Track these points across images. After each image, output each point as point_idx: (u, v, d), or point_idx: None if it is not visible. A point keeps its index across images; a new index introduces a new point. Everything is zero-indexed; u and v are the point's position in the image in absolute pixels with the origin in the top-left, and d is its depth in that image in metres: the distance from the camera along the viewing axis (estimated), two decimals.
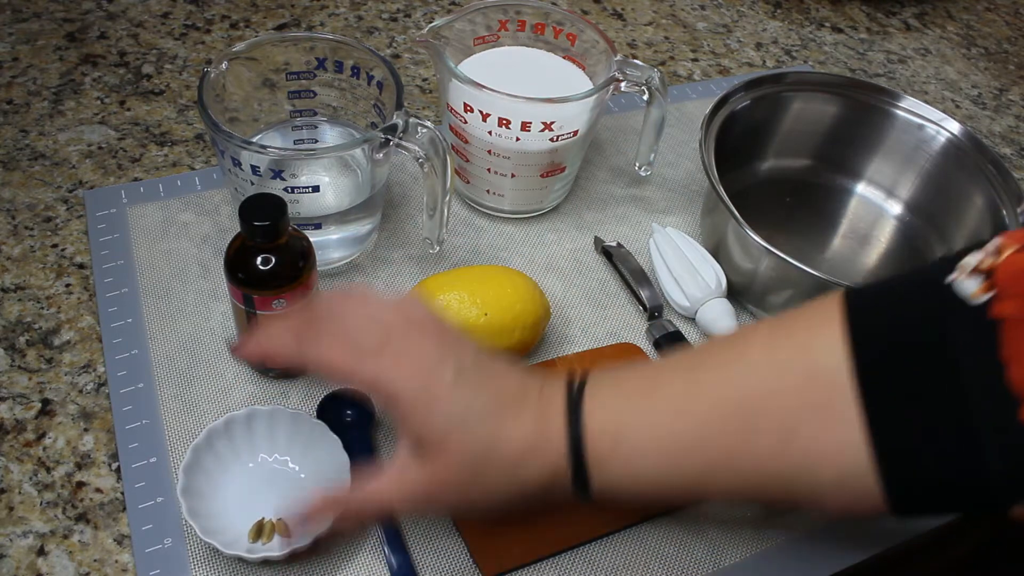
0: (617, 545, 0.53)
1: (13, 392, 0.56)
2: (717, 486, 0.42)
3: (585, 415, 0.42)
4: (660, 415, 0.41)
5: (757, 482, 0.40)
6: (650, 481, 0.42)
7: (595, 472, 0.42)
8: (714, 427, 0.40)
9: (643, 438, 0.41)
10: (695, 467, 0.41)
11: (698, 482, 0.41)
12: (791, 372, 0.38)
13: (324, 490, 0.45)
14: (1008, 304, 0.33)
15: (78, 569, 0.49)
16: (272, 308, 0.52)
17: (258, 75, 0.62)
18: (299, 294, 0.52)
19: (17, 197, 0.67)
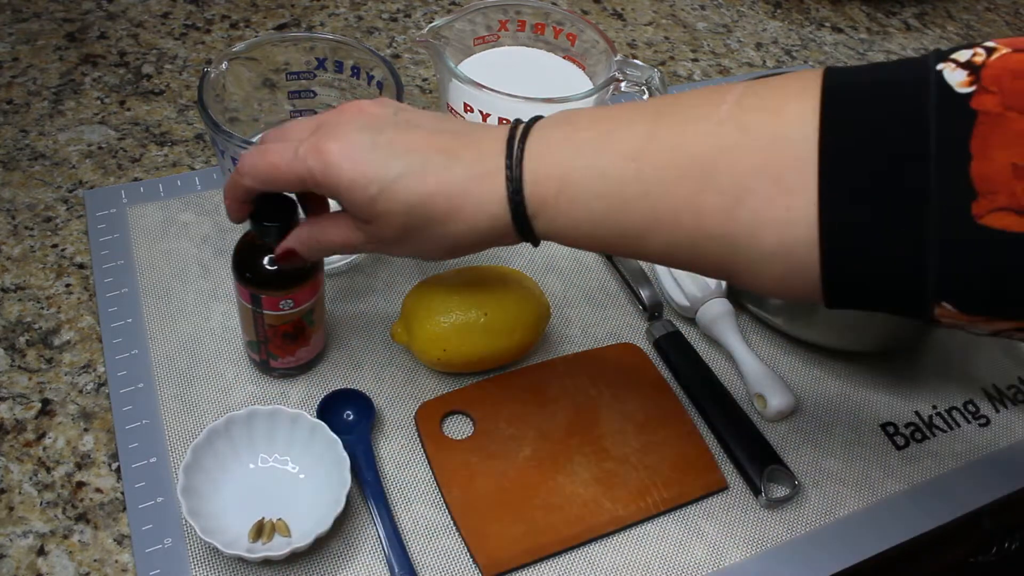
0: (617, 545, 0.53)
1: (13, 392, 0.56)
2: (658, 242, 0.40)
3: (528, 159, 0.41)
4: (612, 160, 0.40)
5: (698, 242, 0.39)
6: (593, 230, 0.41)
7: (537, 219, 0.42)
8: (667, 177, 0.39)
9: (591, 185, 0.40)
10: (641, 218, 0.40)
11: (640, 235, 0.40)
12: (756, 135, 0.37)
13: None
14: (988, 99, 0.33)
15: (78, 569, 0.49)
16: (279, 308, 0.52)
17: (258, 75, 0.62)
18: (307, 294, 0.52)
19: (17, 197, 0.67)
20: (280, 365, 0.57)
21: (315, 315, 0.54)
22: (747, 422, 0.58)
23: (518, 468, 0.54)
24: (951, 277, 0.34)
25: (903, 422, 0.61)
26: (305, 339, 0.55)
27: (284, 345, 0.55)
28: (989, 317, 0.34)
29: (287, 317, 0.52)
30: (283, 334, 0.54)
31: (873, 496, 0.57)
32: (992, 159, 0.32)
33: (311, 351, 0.57)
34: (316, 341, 0.57)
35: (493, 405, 0.57)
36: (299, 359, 0.56)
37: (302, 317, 0.53)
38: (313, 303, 0.53)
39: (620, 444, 0.56)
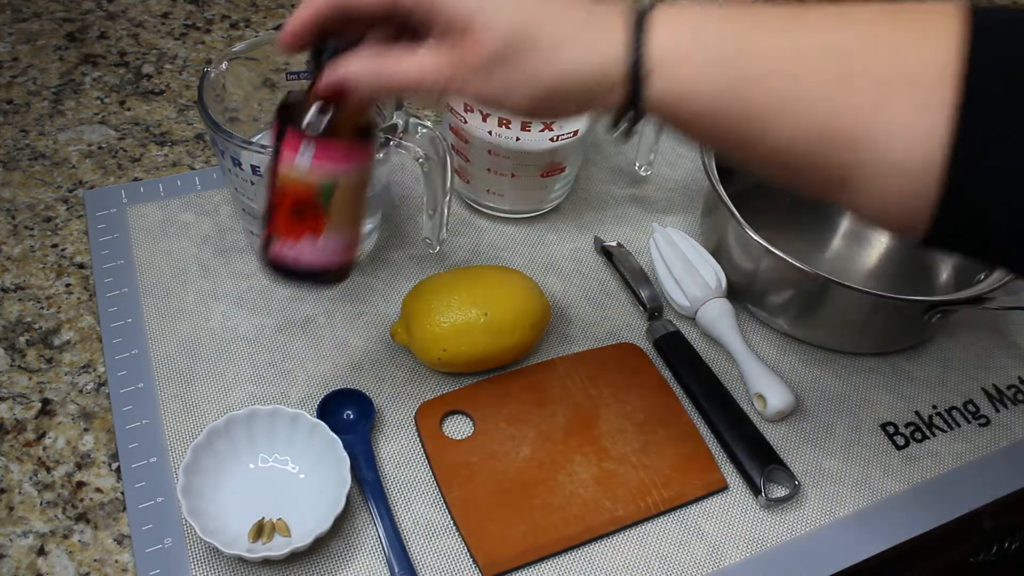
0: (617, 545, 0.53)
1: (13, 392, 0.56)
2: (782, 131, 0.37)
3: (659, 9, 0.38)
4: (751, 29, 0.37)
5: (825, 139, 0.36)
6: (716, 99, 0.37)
7: (659, 72, 0.37)
8: (805, 61, 0.36)
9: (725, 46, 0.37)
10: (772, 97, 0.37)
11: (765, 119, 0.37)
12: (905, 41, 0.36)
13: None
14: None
15: (78, 569, 0.49)
16: (294, 162, 0.43)
17: (258, 75, 0.62)
18: (335, 154, 0.44)
19: (17, 197, 0.67)
20: (279, 253, 0.46)
21: (336, 200, 0.45)
22: (747, 422, 0.58)
23: (518, 468, 0.54)
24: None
25: (903, 422, 0.61)
26: (315, 226, 0.45)
27: (290, 221, 0.45)
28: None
29: (300, 179, 0.44)
30: (292, 204, 0.45)
31: (873, 496, 0.57)
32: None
33: (317, 253, 0.46)
34: (328, 244, 0.46)
35: (493, 405, 0.57)
36: (299, 255, 0.46)
37: (319, 188, 0.44)
38: (338, 177, 0.44)
39: (620, 444, 0.56)
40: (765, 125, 0.37)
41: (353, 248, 0.48)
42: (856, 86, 0.36)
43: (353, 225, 0.47)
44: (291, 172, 0.44)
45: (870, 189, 0.37)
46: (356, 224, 0.48)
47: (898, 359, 0.64)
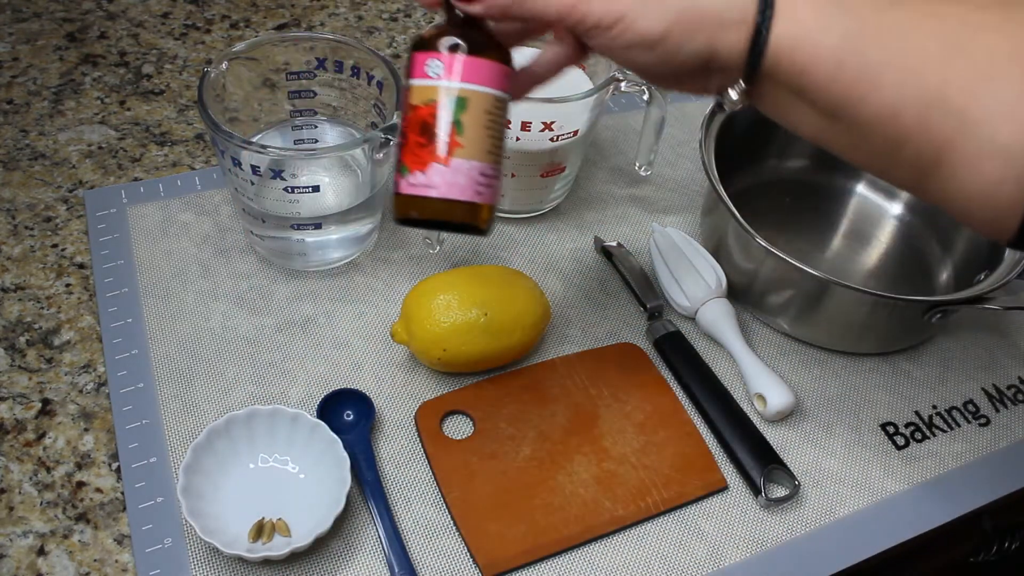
0: (617, 545, 0.53)
1: (13, 392, 0.56)
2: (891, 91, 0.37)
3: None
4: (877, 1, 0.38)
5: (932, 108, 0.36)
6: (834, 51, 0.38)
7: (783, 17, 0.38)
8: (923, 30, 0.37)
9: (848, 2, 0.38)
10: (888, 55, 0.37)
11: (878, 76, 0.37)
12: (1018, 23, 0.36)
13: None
14: None
15: (78, 569, 0.49)
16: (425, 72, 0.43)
17: (258, 75, 0.62)
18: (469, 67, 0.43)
19: (17, 197, 0.67)
20: (411, 192, 0.43)
21: (468, 120, 0.42)
22: (747, 422, 0.58)
23: (518, 468, 0.54)
24: None
25: (903, 422, 0.61)
26: (447, 149, 0.42)
27: (419, 148, 0.43)
28: None
29: (431, 94, 0.42)
30: (420, 123, 0.43)
31: (873, 496, 0.57)
32: None
33: (447, 180, 0.43)
34: (459, 174, 0.43)
35: (493, 405, 0.57)
36: (429, 183, 0.42)
37: (453, 105, 0.42)
38: (471, 93, 0.42)
39: (620, 444, 0.56)
40: (877, 82, 0.37)
41: (490, 189, 0.44)
42: (971, 57, 0.36)
43: (488, 158, 0.44)
44: (418, 92, 0.43)
45: (966, 170, 0.36)
46: (492, 159, 0.44)
47: (898, 359, 0.64)
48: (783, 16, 0.39)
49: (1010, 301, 0.58)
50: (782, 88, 0.41)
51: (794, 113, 0.42)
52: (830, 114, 0.40)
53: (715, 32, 0.40)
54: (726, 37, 0.39)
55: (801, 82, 0.39)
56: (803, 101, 0.40)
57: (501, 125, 0.44)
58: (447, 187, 0.43)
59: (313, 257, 0.63)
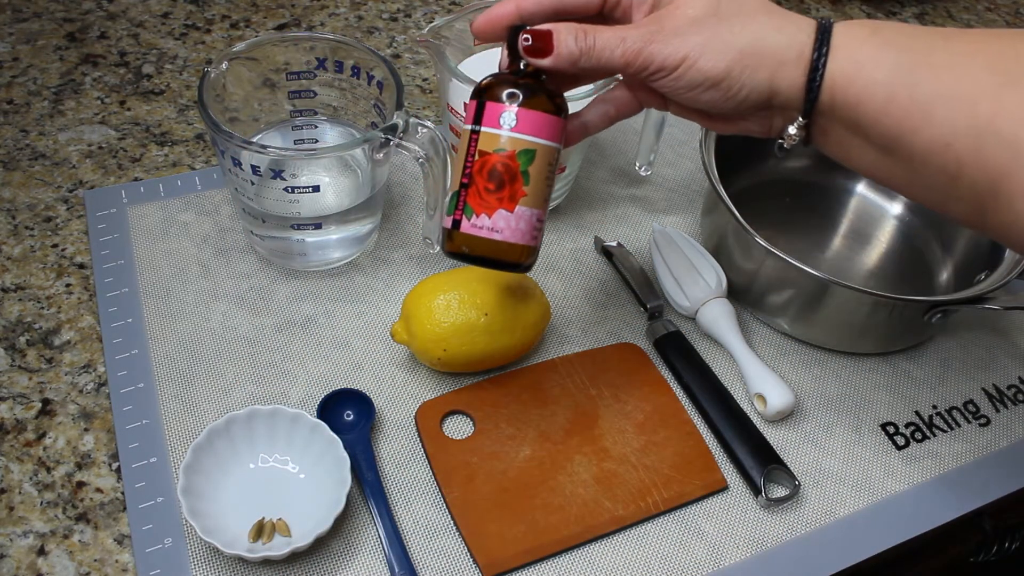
0: (617, 545, 0.53)
1: (13, 392, 0.56)
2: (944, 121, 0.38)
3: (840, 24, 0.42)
4: (925, 34, 0.40)
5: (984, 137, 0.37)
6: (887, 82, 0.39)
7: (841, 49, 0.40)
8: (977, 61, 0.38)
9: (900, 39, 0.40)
10: (940, 86, 0.38)
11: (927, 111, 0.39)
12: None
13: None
14: None
15: (78, 569, 0.49)
16: (498, 124, 0.45)
17: (258, 75, 0.62)
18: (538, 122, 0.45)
19: (17, 197, 0.67)
20: (471, 229, 0.46)
21: (533, 171, 0.46)
22: (747, 422, 0.58)
23: (518, 468, 0.54)
24: None
25: (903, 422, 0.61)
26: (511, 195, 0.45)
27: (486, 190, 0.46)
28: None
29: (502, 143, 0.45)
30: (490, 170, 0.45)
31: (873, 496, 0.57)
32: None
33: (511, 225, 0.46)
34: (523, 220, 0.46)
35: (493, 405, 0.57)
36: (494, 227, 0.46)
37: (519, 155, 0.45)
38: (537, 146, 0.45)
39: (620, 444, 0.56)
40: (928, 113, 0.38)
41: (541, 231, 0.48)
42: (1021, 89, 0.36)
43: (543, 204, 0.47)
44: (491, 142, 0.45)
45: (1022, 201, 0.37)
46: (546, 205, 0.48)
47: (898, 359, 0.64)
48: (838, 52, 0.41)
49: (1010, 301, 0.58)
50: (839, 124, 0.42)
51: (852, 148, 0.43)
52: (885, 148, 0.41)
53: (775, 69, 0.42)
54: (785, 74, 0.42)
55: (855, 116, 0.41)
56: (858, 136, 0.42)
57: (555, 173, 0.48)
58: (510, 232, 0.46)
59: (313, 257, 0.63)
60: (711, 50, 0.42)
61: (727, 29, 0.42)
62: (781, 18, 0.42)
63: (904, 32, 0.41)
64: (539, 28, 0.44)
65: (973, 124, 0.38)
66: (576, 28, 0.44)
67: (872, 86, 0.40)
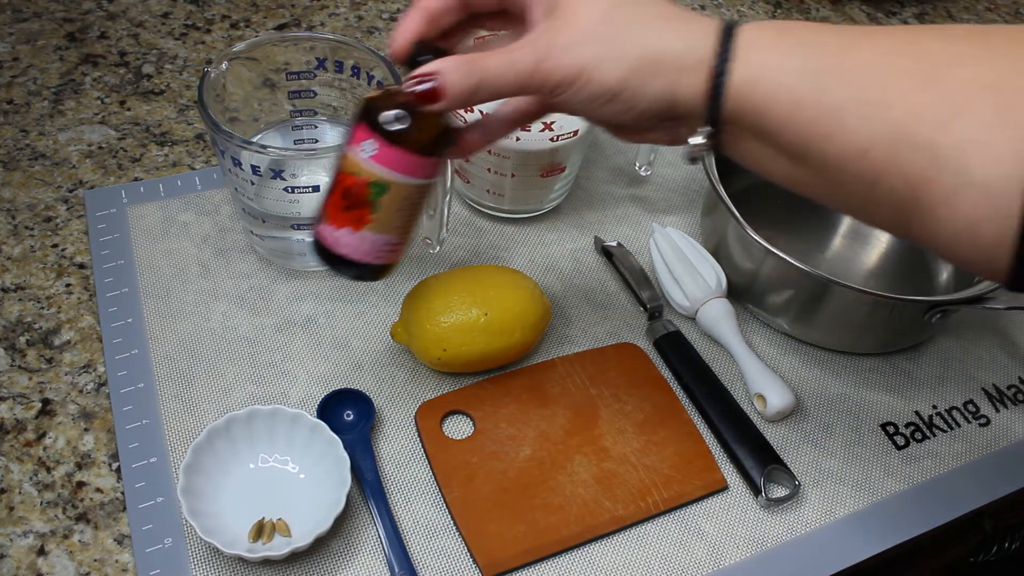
0: (617, 545, 0.53)
1: (13, 392, 0.56)
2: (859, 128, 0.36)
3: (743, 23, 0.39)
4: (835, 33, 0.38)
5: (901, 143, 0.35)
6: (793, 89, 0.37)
7: (743, 55, 0.38)
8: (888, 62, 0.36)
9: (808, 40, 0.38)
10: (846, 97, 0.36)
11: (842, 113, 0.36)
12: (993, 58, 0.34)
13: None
14: None
15: (78, 569, 0.49)
16: (359, 146, 0.44)
17: (258, 75, 0.62)
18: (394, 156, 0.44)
19: (17, 197, 0.67)
20: (320, 233, 0.47)
21: (384, 203, 0.45)
22: (747, 422, 0.58)
23: (518, 468, 0.54)
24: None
25: (903, 422, 0.61)
26: (358, 218, 0.45)
27: (337, 207, 0.46)
28: None
29: (359, 168, 0.44)
30: (344, 188, 0.45)
31: (873, 496, 0.57)
32: None
33: (352, 246, 0.46)
34: (364, 242, 0.46)
35: (493, 405, 0.57)
36: (337, 241, 0.46)
37: (370, 185, 0.44)
38: (389, 180, 0.44)
39: (620, 444, 0.56)
40: (839, 119, 0.36)
41: (392, 254, 0.48)
42: (943, 90, 0.34)
43: (396, 232, 0.47)
44: (349, 162, 0.44)
45: (945, 208, 0.34)
46: (400, 232, 0.47)
47: (898, 359, 0.64)
48: (743, 57, 0.38)
49: (1010, 301, 0.58)
50: (747, 132, 0.40)
51: (764, 158, 0.41)
52: (797, 156, 0.39)
53: (675, 77, 0.39)
54: (686, 82, 0.39)
55: (763, 124, 0.39)
56: (769, 145, 0.40)
57: (419, 205, 0.47)
58: (352, 249, 0.46)
59: (313, 257, 0.63)
60: (607, 61, 0.39)
61: (623, 37, 0.39)
62: (682, 21, 0.40)
63: (815, 33, 0.38)
64: (426, 71, 0.41)
65: (888, 130, 0.35)
66: (463, 62, 0.41)
67: (778, 92, 0.37)
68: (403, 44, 0.43)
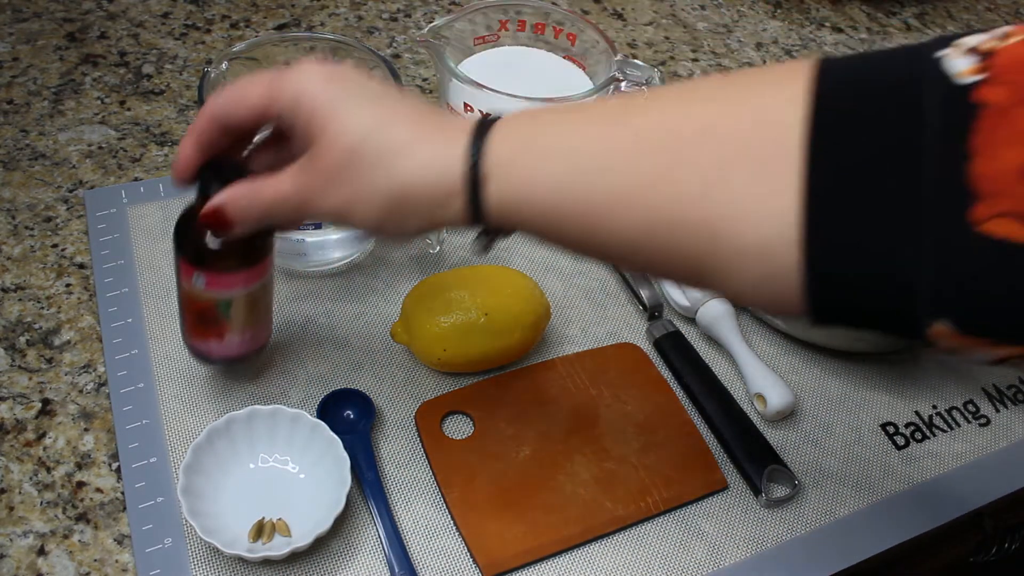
0: (617, 545, 0.53)
1: (13, 392, 0.56)
2: (626, 224, 0.36)
3: (498, 125, 0.38)
4: (580, 126, 0.37)
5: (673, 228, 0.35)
6: (552, 199, 0.37)
7: (495, 175, 0.37)
8: (640, 147, 0.35)
9: (556, 142, 0.37)
10: (608, 190, 0.35)
11: (607, 212, 0.36)
12: (740, 115, 0.34)
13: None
14: (996, 90, 0.29)
15: (78, 569, 0.49)
16: (191, 281, 0.48)
17: None
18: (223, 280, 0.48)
19: (17, 197, 0.67)
20: (191, 345, 0.53)
21: (234, 312, 0.50)
22: (747, 422, 0.58)
23: (518, 468, 0.54)
24: (946, 292, 0.30)
25: (903, 422, 0.61)
26: (217, 332, 0.51)
27: (194, 325, 0.51)
28: (992, 341, 0.30)
29: (197, 295, 0.49)
30: (195, 313, 0.50)
31: (873, 496, 0.57)
32: (997, 158, 0.28)
33: (222, 349, 0.52)
34: (232, 344, 0.52)
35: (493, 405, 0.57)
36: (208, 349, 0.52)
37: (216, 305, 0.49)
38: (231, 296, 0.49)
39: (620, 444, 0.56)
40: (607, 218, 0.36)
41: (259, 338, 0.54)
42: (695, 165, 0.34)
43: (255, 325, 0.52)
44: (190, 291, 0.49)
45: (729, 274, 0.35)
46: (259, 323, 0.52)
47: (898, 359, 0.64)
48: (495, 179, 0.37)
49: None
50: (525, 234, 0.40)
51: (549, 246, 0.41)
52: (577, 250, 0.39)
53: (432, 211, 0.39)
54: (445, 211, 0.39)
55: (534, 232, 0.39)
56: (550, 241, 0.39)
57: (267, 295, 0.52)
58: (224, 353, 0.52)
59: (313, 257, 0.63)
60: (360, 202, 0.39)
61: (371, 175, 0.38)
62: (428, 146, 0.38)
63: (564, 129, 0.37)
64: (211, 206, 0.43)
65: (654, 216, 0.35)
66: (245, 193, 0.42)
67: (539, 206, 0.37)
68: (182, 172, 0.44)
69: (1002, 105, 0.29)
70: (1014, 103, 0.29)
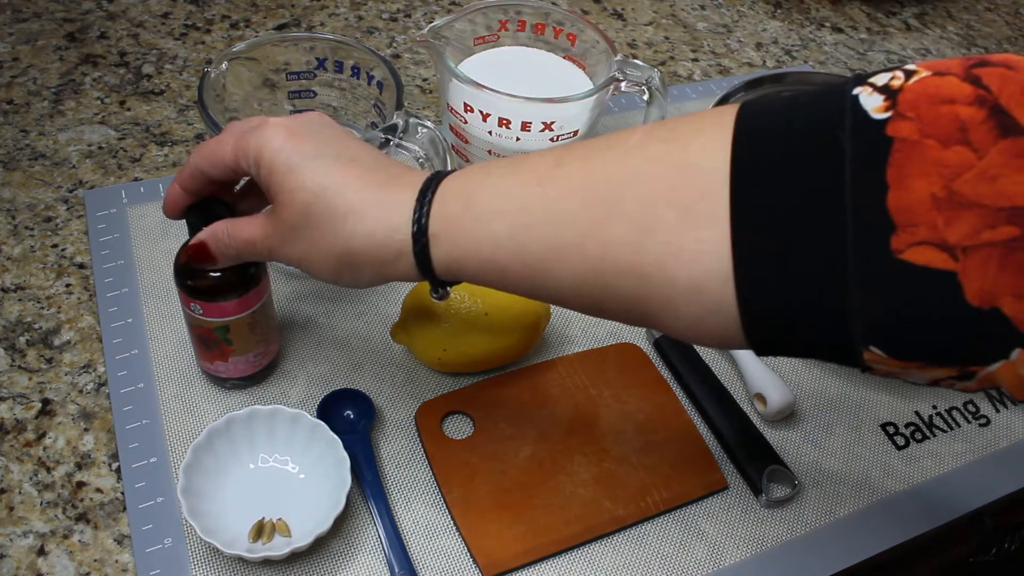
0: (617, 545, 0.53)
1: (13, 392, 0.56)
2: (564, 275, 0.38)
3: (443, 184, 0.40)
4: (517, 183, 0.39)
5: (608, 276, 0.37)
6: (494, 254, 0.39)
7: (439, 240, 0.40)
8: (572, 202, 0.37)
9: (495, 203, 0.39)
10: (544, 245, 0.38)
11: (545, 265, 0.38)
12: (664, 163, 0.35)
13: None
14: (905, 125, 0.31)
15: (78, 569, 0.49)
16: (189, 308, 0.51)
17: (258, 75, 0.62)
18: (217, 309, 0.51)
19: (17, 197, 0.67)
20: (203, 367, 0.56)
21: (232, 336, 0.52)
22: (747, 422, 0.58)
23: (518, 468, 0.55)
24: (874, 319, 0.31)
25: (903, 422, 0.61)
26: (221, 354, 0.54)
27: (201, 349, 0.54)
28: (922, 363, 0.32)
29: (198, 322, 0.52)
30: (198, 337, 0.53)
31: (873, 496, 0.57)
32: (910, 189, 0.30)
33: (230, 369, 0.55)
34: (238, 364, 0.55)
35: (493, 405, 0.57)
36: (217, 370, 0.55)
37: (214, 330, 0.52)
38: (227, 323, 0.51)
39: (620, 444, 0.56)
40: (548, 270, 0.38)
41: (264, 357, 0.56)
42: (624, 216, 0.36)
43: (257, 345, 0.55)
44: (192, 319, 0.52)
45: (673, 315, 0.36)
46: (260, 343, 0.55)
47: None
48: (440, 240, 0.40)
49: None
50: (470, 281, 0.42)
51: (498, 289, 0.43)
52: (525, 294, 0.41)
53: (382, 268, 0.41)
54: (394, 269, 0.41)
55: (480, 281, 0.41)
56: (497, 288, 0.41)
57: (266, 317, 0.54)
58: (231, 373, 0.55)
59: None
60: (314, 259, 0.42)
61: (322, 235, 0.41)
62: (377, 209, 0.40)
63: (502, 186, 0.39)
64: (195, 242, 0.47)
65: (590, 267, 0.37)
66: (224, 230, 0.46)
67: (484, 262, 0.39)
68: (170, 211, 0.47)
69: (911, 139, 0.30)
70: (922, 136, 0.30)
